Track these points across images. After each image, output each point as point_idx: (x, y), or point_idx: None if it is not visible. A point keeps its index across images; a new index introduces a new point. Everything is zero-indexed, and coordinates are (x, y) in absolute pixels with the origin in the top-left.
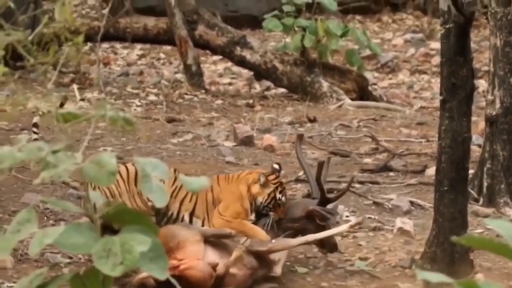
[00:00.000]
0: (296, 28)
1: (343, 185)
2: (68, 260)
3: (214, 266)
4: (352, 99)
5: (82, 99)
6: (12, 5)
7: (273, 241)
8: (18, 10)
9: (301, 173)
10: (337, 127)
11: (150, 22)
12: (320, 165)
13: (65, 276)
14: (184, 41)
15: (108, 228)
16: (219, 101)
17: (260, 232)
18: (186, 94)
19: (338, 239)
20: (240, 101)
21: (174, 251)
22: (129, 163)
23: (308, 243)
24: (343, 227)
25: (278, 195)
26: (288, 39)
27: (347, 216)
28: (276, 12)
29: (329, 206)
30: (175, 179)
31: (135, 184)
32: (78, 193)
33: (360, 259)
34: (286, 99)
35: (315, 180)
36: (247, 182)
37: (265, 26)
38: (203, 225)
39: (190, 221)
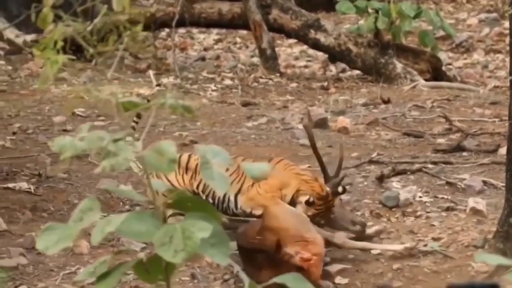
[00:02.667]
0: (370, 10)
1: (416, 166)
2: (143, 245)
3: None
4: (426, 80)
5: (158, 85)
6: None
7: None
8: (77, 1)
9: (374, 154)
10: (411, 108)
11: (225, 7)
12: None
13: (129, 263)
14: (259, 25)
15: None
16: (294, 84)
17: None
18: (261, 77)
19: (411, 219)
20: (315, 83)
21: (309, 244)
22: None
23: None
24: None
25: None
26: (362, 21)
27: (420, 197)
28: None
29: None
30: None
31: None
32: None
33: (433, 239)
34: (360, 81)
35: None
36: (301, 185)
37: (338, 9)
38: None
39: (235, 201)
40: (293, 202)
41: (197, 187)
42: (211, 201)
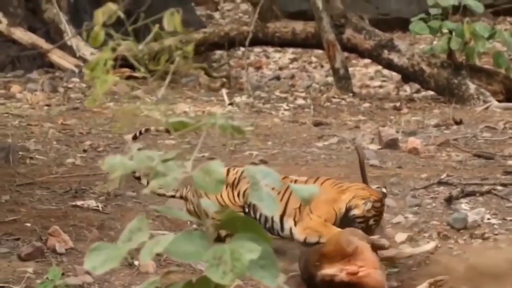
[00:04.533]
0: (444, 31)
1: (485, 188)
2: None
3: None
4: (499, 101)
5: (231, 104)
6: (122, 15)
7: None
8: (128, 20)
9: (444, 175)
10: (483, 129)
11: (298, 26)
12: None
13: (178, 284)
14: (332, 45)
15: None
16: (367, 104)
17: None
18: (334, 97)
19: (478, 242)
20: (388, 104)
21: (354, 256)
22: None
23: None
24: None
25: (371, 222)
26: (436, 42)
27: (488, 219)
28: (422, 15)
29: None
30: None
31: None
32: None
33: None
34: (433, 101)
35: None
36: (355, 194)
37: (411, 29)
38: (294, 223)
39: (281, 222)
40: (348, 211)
41: (238, 197)
42: (252, 215)
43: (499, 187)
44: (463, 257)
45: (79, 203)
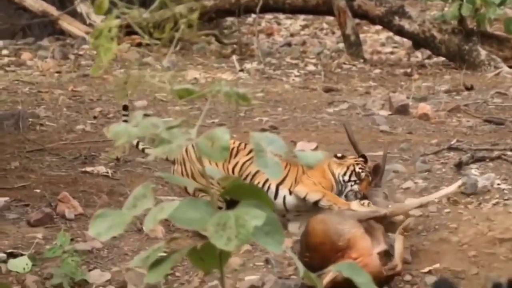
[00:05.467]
0: None
1: (496, 153)
2: None
3: (381, 254)
4: (510, 67)
5: (241, 70)
6: None
7: (390, 206)
8: None
9: (454, 141)
10: (493, 95)
11: None
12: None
13: (183, 251)
14: (343, 12)
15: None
16: (377, 70)
17: (341, 201)
18: (345, 63)
19: (488, 207)
20: (398, 70)
21: (347, 250)
22: None
23: (422, 205)
24: (453, 187)
25: (358, 170)
26: (447, 8)
27: (498, 184)
28: None
29: None
30: None
31: None
32: None
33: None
34: (444, 67)
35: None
36: (328, 161)
37: None
38: (290, 193)
39: (276, 191)
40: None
41: (233, 170)
42: None
43: (509, 153)
44: (472, 222)
45: (88, 169)
